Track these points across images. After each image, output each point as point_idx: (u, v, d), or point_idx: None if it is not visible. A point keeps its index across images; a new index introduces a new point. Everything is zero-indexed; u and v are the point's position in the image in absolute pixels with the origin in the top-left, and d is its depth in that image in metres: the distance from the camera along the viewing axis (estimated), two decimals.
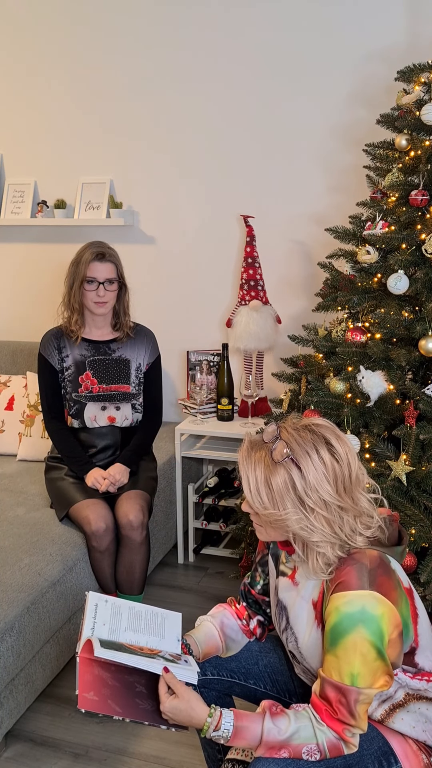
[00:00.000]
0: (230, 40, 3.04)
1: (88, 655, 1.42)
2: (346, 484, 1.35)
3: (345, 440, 1.39)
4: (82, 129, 3.35)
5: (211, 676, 1.64)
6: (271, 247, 3.13)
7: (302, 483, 1.33)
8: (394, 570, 1.39)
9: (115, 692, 1.42)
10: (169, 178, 3.26)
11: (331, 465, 1.34)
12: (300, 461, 1.33)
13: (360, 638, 1.31)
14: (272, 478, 1.35)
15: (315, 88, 2.95)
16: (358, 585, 1.33)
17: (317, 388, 2.27)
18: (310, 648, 1.46)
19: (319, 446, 1.35)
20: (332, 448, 1.35)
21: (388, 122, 2.41)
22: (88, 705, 1.37)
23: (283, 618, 1.54)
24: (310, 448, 1.34)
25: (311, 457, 1.34)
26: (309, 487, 1.33)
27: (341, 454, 1.36)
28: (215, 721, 1.37)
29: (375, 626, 1.31)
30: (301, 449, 1.34)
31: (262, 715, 1.37)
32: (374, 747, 1.43)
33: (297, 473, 1.33)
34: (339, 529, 1.35)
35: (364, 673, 1.32)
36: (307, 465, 1.33)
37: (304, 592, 1.48)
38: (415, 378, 2.20)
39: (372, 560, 1.36)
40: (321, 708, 1.36)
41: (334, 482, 1.34)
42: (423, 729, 1.45)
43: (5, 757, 2.11)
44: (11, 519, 2.54)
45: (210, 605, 1.77)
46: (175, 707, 1.38)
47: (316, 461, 1.33)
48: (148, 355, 2.74)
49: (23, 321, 3.64)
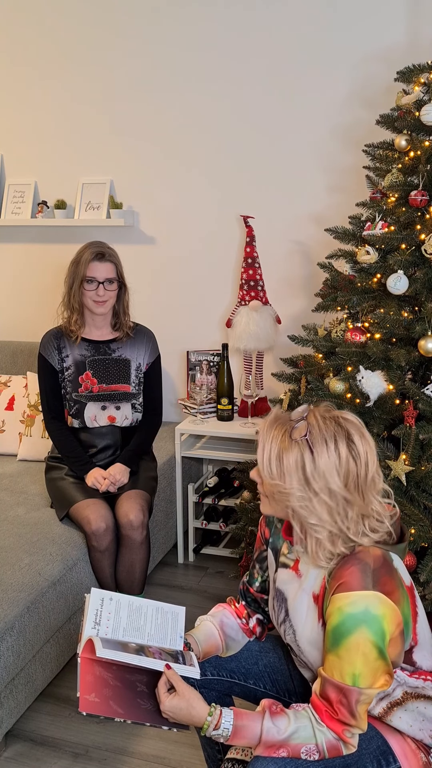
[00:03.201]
0: (230, 40, 3.04)
1: (90, 656, 1.42)
2: (359, 482, 1.36)
3: (369, 440, 1.39)
4: (82, 129, 3.35)
5: (211, 677, 1.64)
6: (271, 247, 3.13)
7: (312, 466, 1.35)
8: (397, 569, 1.39)
9: (117, 692, 1.42)
10: (169, 178, 3.27)
11: (346, 460, 1.35)
12: (315, 446, 1.35)
13: (363, 639, 1.31)
14: (285, 454, 1.37)
15: (315, 89, 2.96)
16: (362, 585, 1.33)
17: (317, 388, 2.27)
18: (309, 641, 1.46)
19: (339, 438, 1.35)
20: (352, 444, 1.36)
21: (388, 123, 2.41)
22: (89, 707, 1.37)
23: (282, 610, 1.53)
24: (330, 437, 1.35)
25: (327, 446, 1.35)
26: (317, 472, 1.34)
27: (360, 452, 1.36)
28: (215, 720, 1.37)
29: (377, 626, 1.32)
30: (320, 435, 1.35)
31: (262, 714, 1.37)
32: (373, 746, 1.43)
33: (309, 456, 1.35)
34: (340, 521, 1.36)
35: (365, 674, 1.32)
36: (320, 452, 1.34)
37: (305, 584, 1.47)
38: (415, 378, 2.20)
39: (376, 560, 1.36)
40: (321, 708, 1.36)
41: (345, 476, 1.35)
42: (420, 728, 1.45)
43: (5, 756, 2.11)
44: (11, 519, 2.54)
45: (210, 605, 1.78)
46: (175, 706, 1.39)
47: (332, 451, 1.35)
48: (148, 355, 2.74)
49: (23, 321, 3.64)
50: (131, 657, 1.41)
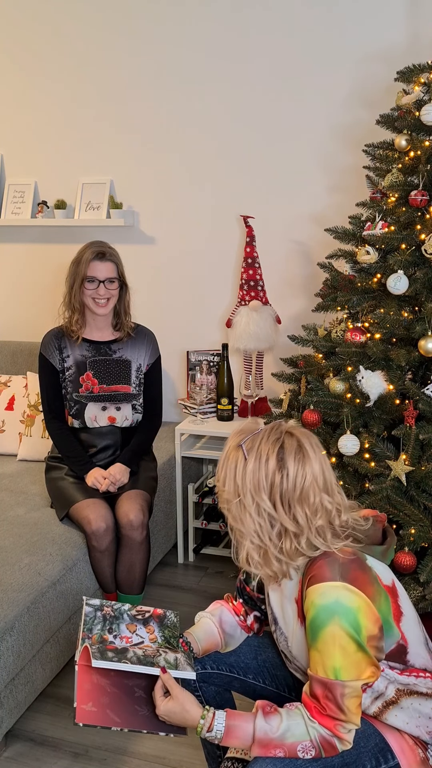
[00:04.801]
0: (230, 40, 3.04)
1: (87, 662, 1.43)
2: (286, 497, 1.38)
3: (308, 460, 1.39)
4: (82, 129, 3.35)
5: (211, 670, 1.65)
6: (271, 247, 3.13)
7: (242, 473, 1.39)
8: (371, 567, 1.41)
9: (114, 699, 1.43)
10: (169, 178, 3.27)
11: (272, 476, 1.37)
12: (248, 454, 1.39)
13: (337, 630, 1.33)
14: (231, 455, 1.42)
15: (315, 89, 2.95)
16: (330, 576, 1.35)
17: (317, 388, 2.27)
18: (299, 647, 1.48)
19: (271, 455, 1.38)
20: (283, 463, 1.37)
21: (388, 123, 2.41)
22: (86, 718, 1.38)
23: (272, 619, 1.55)
24: (264, 451, 1.39)
25: (260, 459, 1.38)
26: (245, 480, 1.39)
27: (290, 472, 1.37)
28: (208, 722, 1.39)
29: (351, 618, 1.33)
30: (254, 446, 1.40)
31: (255, 714, 1.38)
32: (371, 744, 1.44)
33: (242, 463, 1.40)
34: (267, 538, 1.39)
35: (346, 666, 1.33)
36: (250, 461, 1.39)
37: (286, 592, 1.49)
38: (415, 378, 2.20)
39: (344, 554, 1.39)
40: (311, 705, 1.37)
41: (269, 489, 1.38)
42: (417, 724, 1.46)
43: (5, 756, 2.11)
44: (11, 519, 2.54)
45: (209, 605, 1.78)
46: (169, 710, 1.41)
47: (261, 465, 1.38)
48: (148, 355, 2.74)
49: (23, 321, 3.64)
50: (126, 666, 1.42)
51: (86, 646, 1.44)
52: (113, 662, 1.41)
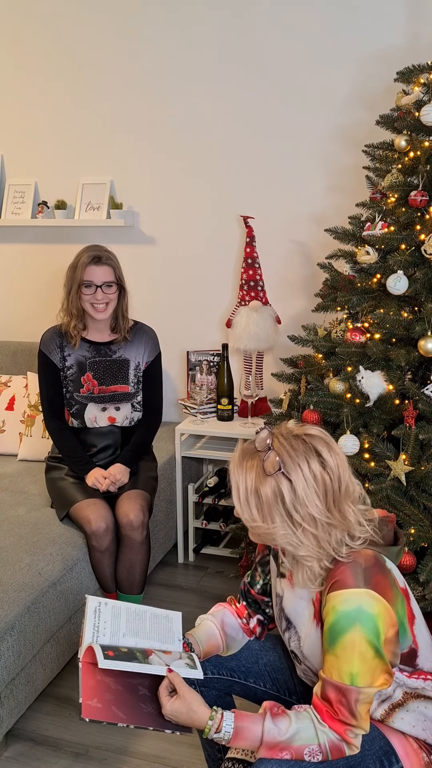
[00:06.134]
0: (230, 40, 3.04)
1: (91, 660, 1.42)
2: (335, 497, 1.35)
3: (336, 451, 1.38)
4: (82, 129, 3.36)
5: (211, 675, 1.64)
6: (271, 247, 3.13)
7: (291, 496, 1.33)
8: (390, 570, 1.40)
9: (119, 697, 1.42)
10: (170, 178, 3.27)
11: (321, 478, 1.33)
12: (291, 474, 1.33)
13: (358, 637, 1.31)
14: (262, 489, 1.34)
15: (315, 89, 2.96)
16: (354, 583, 1.34)
17: (317, 388, 2.27)
18: (311, 647, 1.46)
19: (311, 458, 1.34)
20: (323, 460, 1.35)
21: (388, 123, 2.41)
22: (92, 713, 1.37)
23: (282, 618, 1.54)
24: (302, 460, 1.33)
25: (302, 469, 1.33)
26: (298, 501, 1.33)
27: (332, 466, 1.35)
28: (216, 724, 1.37)
29: (372, 624, 1.32)
30: (292, 461, 1.33)
31: (263, 715, 1.37)
32: (375, 747, 1.43)
33: (287, 486, 1.33)
34: (327, 544, 1.36)
35: (363, 672, 1.32)
36: (297, 478, 1.32)
37: (303, 593, 1.48)
38: (415, 378, 2.20)
39: (367, 559, 1.37)
40: (322, 709, 1.36)
41: (324, 496, 1.34)
42: (423, 728, 1.45)
43: (5, 756, 2.12)
44: (11, 519, 2.54)
45: (210, 605, 1.78)
46: (176, 709, 1.39)
47: (307, 474, 1.33)
48: (147, 353, 2.73)
49: (24, 321, 3.64)
50: (132, 665, 1.41)
51: (90, 644, 1.44)
52: (119, 662, 1.40)
